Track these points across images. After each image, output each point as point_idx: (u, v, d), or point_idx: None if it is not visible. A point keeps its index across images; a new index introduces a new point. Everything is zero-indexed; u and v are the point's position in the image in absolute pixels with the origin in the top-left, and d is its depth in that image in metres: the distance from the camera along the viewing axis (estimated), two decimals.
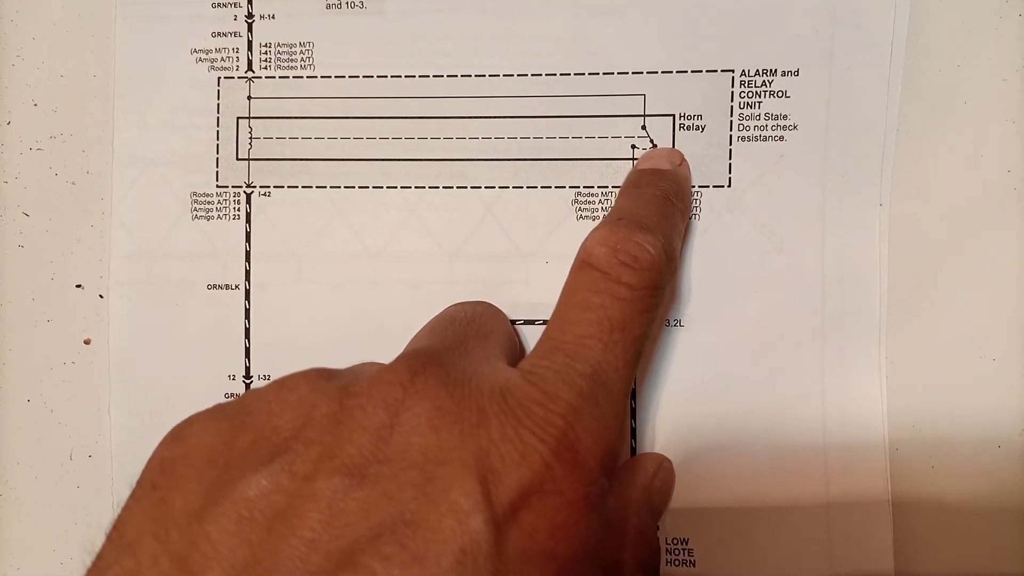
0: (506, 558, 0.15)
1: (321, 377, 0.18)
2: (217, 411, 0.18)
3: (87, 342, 0.27)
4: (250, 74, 0.26)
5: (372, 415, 0.16)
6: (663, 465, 0.24)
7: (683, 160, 0.25)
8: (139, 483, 0.17)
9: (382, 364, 0.18)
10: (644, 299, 0.19)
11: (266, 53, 0.26)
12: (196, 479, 0.16)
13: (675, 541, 0.25)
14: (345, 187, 0.26)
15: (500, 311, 0.24)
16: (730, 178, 0.25)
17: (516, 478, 0.16)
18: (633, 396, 0.25)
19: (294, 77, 0.26)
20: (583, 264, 0.20)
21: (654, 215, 0.21)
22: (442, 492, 0.15)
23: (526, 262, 0.25)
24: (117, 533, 0.16)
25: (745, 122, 0.25)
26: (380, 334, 0.26)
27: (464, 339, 0.20)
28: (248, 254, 0.26)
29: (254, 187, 0.26)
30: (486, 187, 0.26)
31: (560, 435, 0.16)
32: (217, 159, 0.26)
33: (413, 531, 0.14)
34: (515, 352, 0.23)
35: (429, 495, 0.15)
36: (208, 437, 0.17)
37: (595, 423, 0.17)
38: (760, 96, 0.25)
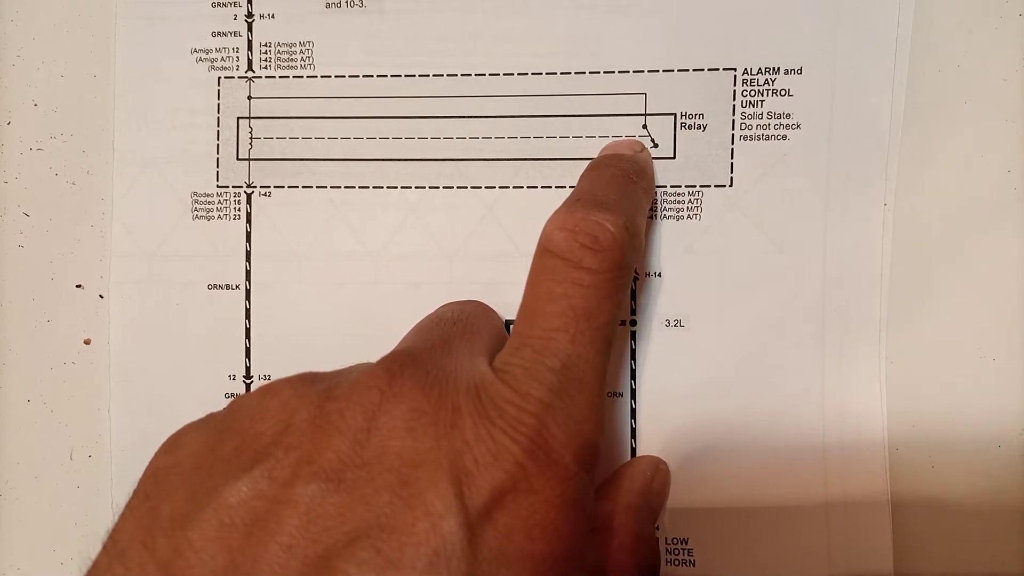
0: (481, 559, 0.15)
1: (304, 382, 0.18)
2: (207, 420, 0.18)
3: (87, 342, 0.27)
4: (250, 74, 0.26)
5: (350, 419, 0.16)
6: (660, 467, 0.24)
7: (644, 148, 0.24)
8: (134, 493, 0.17)
9: (366, 366, 0.18)
10: (609, 283, 0.19)
11: (266, 53, 0.26)
12: (183, 486, 0.16)
13: (675, 541, 0.25)
14: (345, 187, 0.26)
15: (491, 309, 0.24)
16: (732, 177, 0.25)
17: (489, 479, 0.16)
18: (633, 396, 0.25)
19: (294, 77, 0.26)
20: (544, 251, 0.19)
21: (614, 193, 0.21)
22: (416, 495, 0.15)
23: (526, 262, 0.25)
24: (111, 542, 0.16)
25: (747, 121, 0.25)
26: (380, 334, 0.25)
27: (449, 338, 0.19)
28: (248, 254, 0.26)
29: (254, 187, 0.26)
30: (486, 187, 0.26)
31: (532, 434, 0.16)
32: (217, 159, 0.26)
33: (388, 535, 0.15)
34: None
35: (404, 498, 0.15)
36: (196, 445, 0.17)
37: (568, 418, 0.17)
38: (763, 95, 0.25)
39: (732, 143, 0.25)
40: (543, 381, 0.17)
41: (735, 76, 0.25)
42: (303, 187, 0.26)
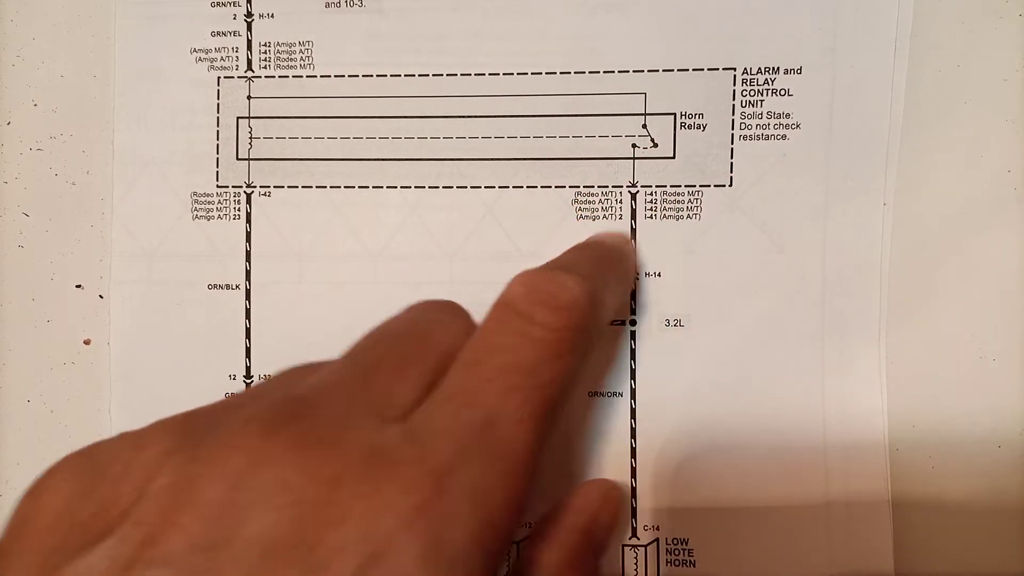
0: None
1: (185, 431, 0.16)
2: (79, 462, 0.16)
3: (87, 342, 0.27)
4: (250, 74, 0.26)
5: (208, 491, 0.14)
6: (609, 496, 0.20)
7: (629, 241, 0.25)
8: None
9: (264, 401, 0.16)
10: (560, 342, 0.17)
11: (265, 52, 0.26)
12: (32, 551, 0.15)
13: (675, 541, 0.25)
14: (345, 187, 0.26)
15: (459, 317, 0.19)
16: (731, 177, 0.25)
17: (352, 565, 0.13)
18: (633, 396, 0.25)
19: (293, 76, 0.26)
20: (498, 304, 0.18)
21: (586, 265, 0.20)
22: None
23: (526, 262, 0.25)
24: None
25: (747, 121, 0.25)
26: None
27: (378, 365, 0.17)
28: (248, 254, 0.26)
29: (254, 187, 0.26)
30: (486, 187, 0.26)
31: (421, 503, 0.14)
32: (217, 159, 0.26)
33: None
34: None
35: None
36: (59, 497, 0.15)
37: (474, 490, 0.14)
38: (762, 94, 0.25)
39: (732, 143, 0.25)
40: (455, 438, 0.15)
41: (735, 76, 0.25)
42: (303, 187, 0.26)
